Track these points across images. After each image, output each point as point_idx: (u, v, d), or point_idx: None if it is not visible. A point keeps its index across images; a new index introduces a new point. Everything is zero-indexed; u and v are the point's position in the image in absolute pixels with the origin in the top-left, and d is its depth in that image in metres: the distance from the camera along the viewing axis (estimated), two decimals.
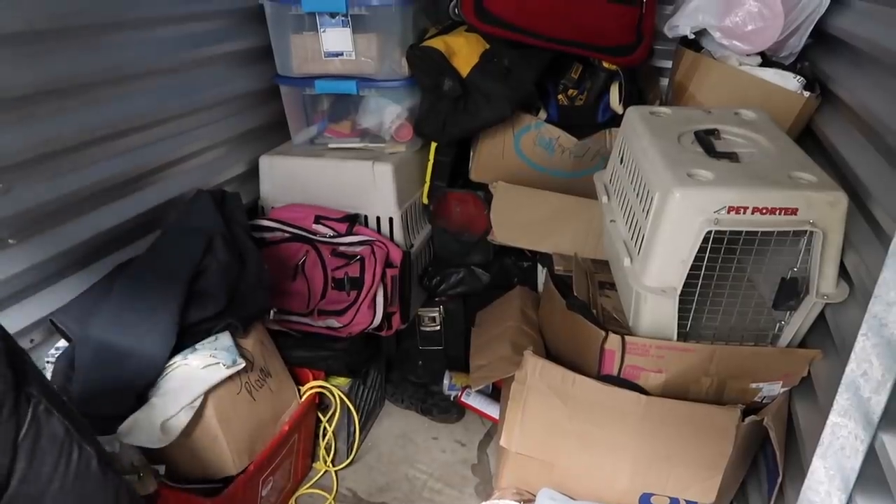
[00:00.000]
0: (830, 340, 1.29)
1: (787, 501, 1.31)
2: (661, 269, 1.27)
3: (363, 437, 1.95)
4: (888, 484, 0.89)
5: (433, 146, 1.99)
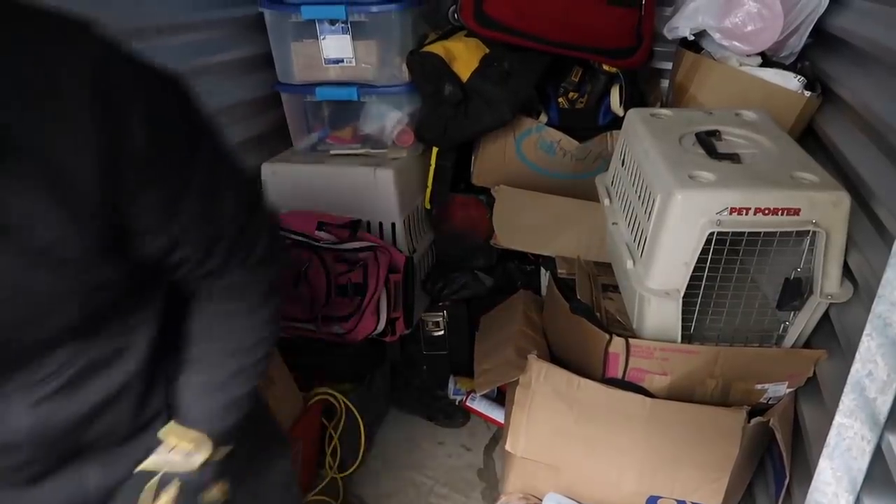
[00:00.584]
0: (835, 340, 1.28)
1: (794, 503, 1.30)
2: (664, 271, 1.27)
3: (369, 443, 1.95)
4: None
5: (434, 151, 2.00)
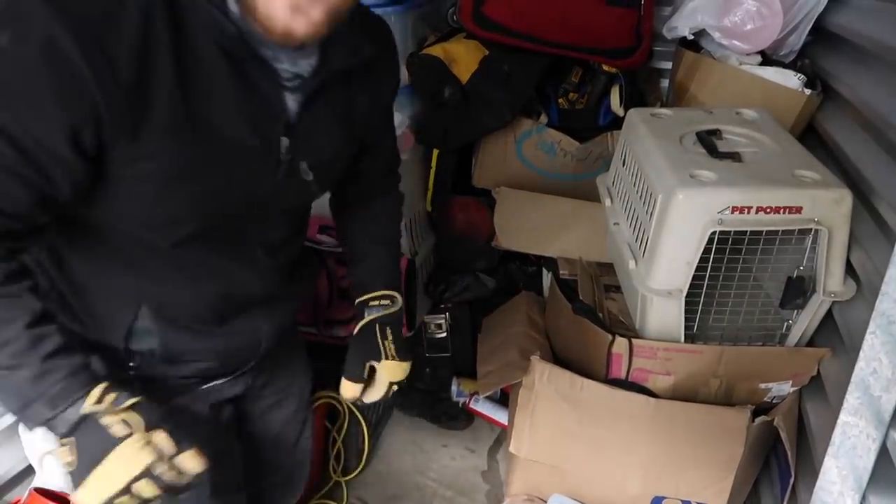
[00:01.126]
0: (839, 338, 1.28)
1: (799, 502, 1.30)
2: (666, 271, 1.27)
3: (372, 446, 1.95)
4: None
5: (435, 153, 2.00)
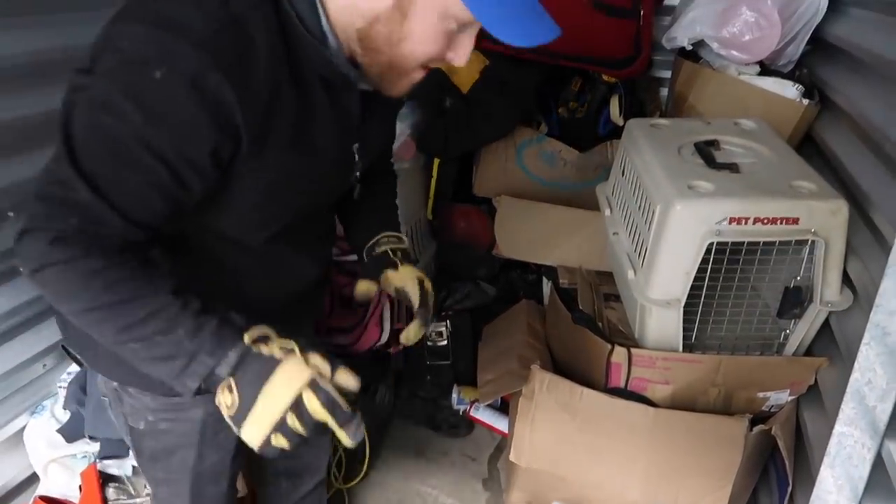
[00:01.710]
0: (836, 348, 1.29)
1: None
2: (664, 281, 1.28)
3: (373, 454, 1.95)
4: None
5: (436, 162, 2.01)
